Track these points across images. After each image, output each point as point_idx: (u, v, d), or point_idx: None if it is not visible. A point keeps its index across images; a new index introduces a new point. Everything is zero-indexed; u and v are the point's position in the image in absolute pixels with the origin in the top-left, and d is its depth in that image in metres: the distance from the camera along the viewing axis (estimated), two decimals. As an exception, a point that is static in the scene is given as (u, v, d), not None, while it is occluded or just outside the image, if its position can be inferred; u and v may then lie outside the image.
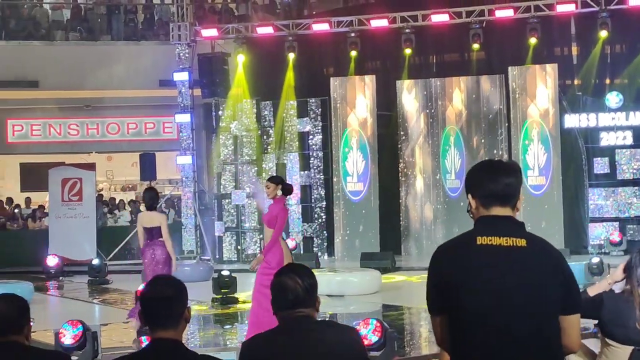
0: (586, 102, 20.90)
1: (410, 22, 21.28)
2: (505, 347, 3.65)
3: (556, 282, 3.73)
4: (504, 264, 3.69)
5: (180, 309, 3.77)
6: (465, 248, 3.77)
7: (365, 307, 14.84)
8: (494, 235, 3.73)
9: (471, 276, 3.69)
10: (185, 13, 22.83)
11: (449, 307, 3.73)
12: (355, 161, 21.94)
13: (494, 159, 4.05)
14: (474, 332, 3.68)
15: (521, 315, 3.65)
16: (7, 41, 25.33)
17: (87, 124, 26.72)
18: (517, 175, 3.87)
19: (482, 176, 3.86)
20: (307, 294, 3.84)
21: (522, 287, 3.67)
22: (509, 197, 3.82)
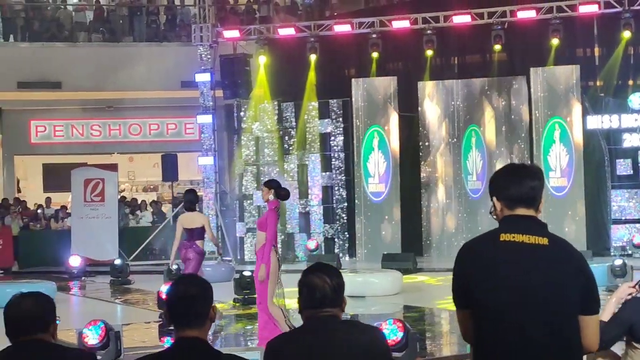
0: (609, 103, 20.80)
1: (431, 23, 21.24)
2: (525, 344, 3.74)
3: (577, 282, 3.81)
4: (527, 260, 3.81)
5: (205, 308, 3.78)
6: (489, 244, 3.91)
7: (387, 308, 14.83)
8: (517, 232, 3.86)
9: (494, 272, 3.82)
10: (207, 14, 22.90)
11: (472, 301, 3.85)
12: (377, 162, 21.92)
13: (518, 163, 4.20)
14: (496, 327, 3.78)
15: (542, 312, 3.74)
16: (31, 42, 25.54)
17: (109, 125, 26.87)
18: (540, 179, 4.00)
19: (507, 179, 4.01)
20: (334, 293, 3.85)
21: (544, 285, 3.76)
22: (533, 199, 3.96)
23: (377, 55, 21.82)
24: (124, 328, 13.13)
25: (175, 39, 26.10)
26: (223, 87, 22.84)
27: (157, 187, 30.28)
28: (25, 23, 25.91)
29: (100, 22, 26.42)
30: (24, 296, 4.10)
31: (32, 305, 4.04)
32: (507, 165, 4.18)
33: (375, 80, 22.09)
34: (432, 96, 21.81)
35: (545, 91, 20.65)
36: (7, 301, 4.10)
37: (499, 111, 21.26)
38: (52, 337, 4.07)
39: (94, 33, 26.08)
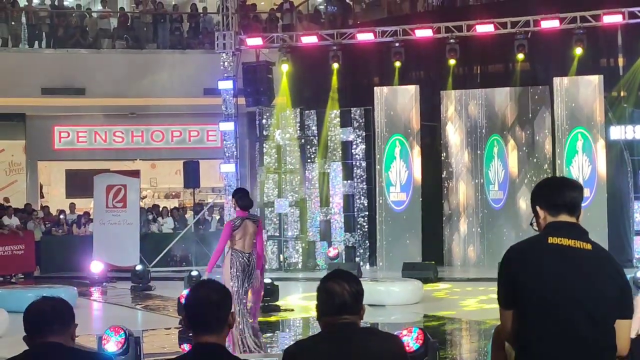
0: (632, 114, 20.70)
1: (454, 33, 21.21)
2: (573, 341, 3.92)
3: (616, 286, 4.00)
4: (573, 263, 3.98)
5: (224, 314, 3.78)
6: (536, 246, 4.08)
7: (407, 317, 14.81)
8: (563, 236, 4.04)
9: (542, 271, 3.98)
10: (230, 22, 22.94)
11: (519, 300, 4.00)
12: (399, 171, 21.90)
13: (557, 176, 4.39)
14: (541, 326, 3.94)
15: (585, 313, 3.91)
16: (55, 49, 25.68)
17: (132, 132, 26.98)
18: (581, 190, 4.22)
19: (550, 189, 4.23)
20: (354, 300, 3.83)
21: (589, 287, 3.94)
22: (575, 206, 4.16)
23: (400, 64, 21.81)
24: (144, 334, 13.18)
25: (199, 47, 26.19)
26: (245, 95, 22.86)
27: (179, 193, 30.37)
28: (50, 30, 26.08)
29: (124, 29, 26.57)
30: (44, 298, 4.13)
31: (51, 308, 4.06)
32: (548, 177, 4.52)
33: (397, 89, 22.08)
34: (455, 105, 21.78)
35: (568, 101, 20.57)
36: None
37: (522, 121, 21.20)
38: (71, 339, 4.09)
39: (118, 40, 26.22)
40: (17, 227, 22.45)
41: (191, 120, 26.75)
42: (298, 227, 22.45)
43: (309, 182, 22.62)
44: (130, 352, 9.82)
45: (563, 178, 4.41)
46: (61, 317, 4.08)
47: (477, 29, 21.07)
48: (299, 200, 22.58)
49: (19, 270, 22.27)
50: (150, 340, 12.77)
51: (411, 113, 21.90)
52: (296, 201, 22.54)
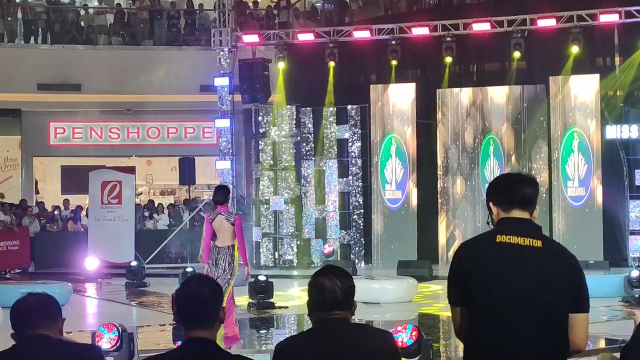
0: (628, 113, 20.71)
1: (451, 31, 21.21)
2: (517, 341, 3.90)
3: (569, 282, 3.99)
4: (521, 262, 3.97)
5: (215, 309, 3.78)
6: (485, 245, 4.09)
7: (401, 314, 14.80)
8: (512, 234, 4.03)
9: (490, 271, 3.97)
10: (226, 19, 22.94)
11: (468, 299, 4.01)
12: (394, 169, 21.90)
13: (513, 172, 4.38)
14: (489, 324, 3.94)
15: (534, 311, 3.91)
16: (51, 45, 25.65)
17: (128, 128, 26.97)
18: (535, 186, 4.22)
19: (503, 185, 4.23)
20: (345, 296, 3.82)
21: (536, 285, 3.93)
22: (528, 202, 4.15)
23: (396, 62, 21.81)
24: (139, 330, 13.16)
25: (195, 43, 26.16)
26: (241, 92, 22.86)
27: (175, 190, 30.36)
28: (46, 25, 26.04)
29: (120, 25, 26.54)
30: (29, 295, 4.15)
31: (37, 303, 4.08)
32: (502, 174, 4.44)
33: (393, 87, 22.07)
34: (451, 103, 21.77)
35: (564, 100, 20.58)
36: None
37: (518, 120, 21.19)
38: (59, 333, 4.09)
39: (114, 36, 26.20)
40: (10, 223, 22.42)
41: (187, 117, 26.74)
42: (293, 224, 22.44)
43: (304, 180, 22.61)
44: (124, 348, 9.78)
45: (517, 174, 4.34)
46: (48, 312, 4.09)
47: (474, 27, 21.08)
48: (294, 198, 22.57)
49: (14, 266, 22.26)
50: (145, 337, 12.76)
51: (407, 111, 21.90)
52: (292, 198, 22.53)
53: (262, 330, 13.53)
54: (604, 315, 14.23)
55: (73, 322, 13.75)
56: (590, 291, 13.34)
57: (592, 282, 14.57)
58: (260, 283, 15.44)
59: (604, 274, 17.32)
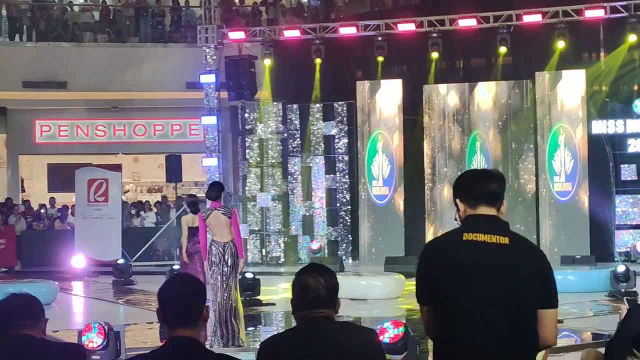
0: (614, 109, 20.76)
1: (437, 27, 21.22)
2: (485, 338, 3.86)
3: (536, 278, 3.95)
4: (487, 260, 3.92)
5: (199, 307, 3.76)
6: (452, 243, 4.03)
7: (389, 311, 14.79)
8: (479, 232, 3.98)
9: (454, 271, 3.93)
10: (212, 15, 22.89)
11: (435, 299, 3.97)
12: (381, 165, 21.91)
13: (479, 168, 4.32)
14: (457, 323, 3.90)
15: (502, 310, 3.87)
16: (37, 42, 25.56)
17: (114, 125, 26.89)
18: (502, 181, 4.16)
19: (469, 181, 4.17)
20: (328, 294, 3.81)
21: (502, 283, 3.89)
22: (495, 198, 4.09)
23: (382, 58, 21.81)
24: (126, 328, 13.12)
25: (181, 40, 26.12)
26: (228, 89, 22.83)
27: (162, 187, 30.28)
28: (31, 23, 25.94)
29: (106, 23, 26.45)
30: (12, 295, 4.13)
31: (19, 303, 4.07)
32: (468, 169, 4.38)
33: (380, 83, 22.07)
34: (437, 99, 21.77)
35: (550, 95, 20.61)
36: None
37: (504, 115, 21.20)
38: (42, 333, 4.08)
39: (100, 33, 26.11)
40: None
41: (173, 114, 26.69)
42: (280, 221, 22.44)
43: (291, 176, 22.60)
44: (111, 347, 9.76)
45: (483, 170, 4.29)
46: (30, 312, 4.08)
47: (460, 23, 21.10)
48: (281, 195, 22.56)
49: (0, 265, 22.17)
50: (132, 335, 12.71)
51: (394, 107, 21.90)
52: (278, 195, 22.52)
53: (249, 328, 13.50)
54: (590, 310, 14.25)
55: (60, 321, 13.72)
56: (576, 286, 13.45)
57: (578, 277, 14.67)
58: (247, 280, 15.42)
59: (590, 268, 17.37)
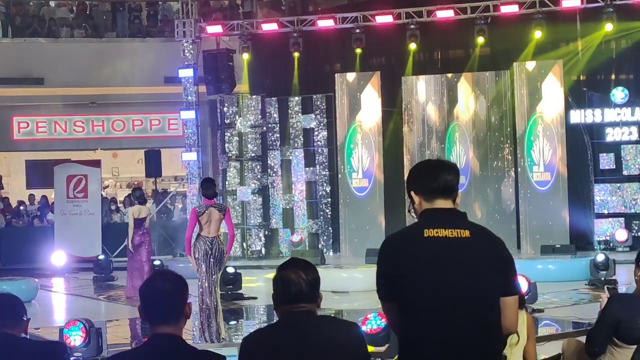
0: (592, 98, 20.86)
1: (415, 18, 21.24)
2: (451, 334, 3.85)
3: (497, 268, 3.94)
4: (451, 256, 3.90)
5: (181, 304, 3.75)
6: (412, 240, 3.99)
7: (371, 303, 14.78)
8: (440, 227, 3.94)
9: (418, 267, 3.90)
10: (189, 10, 22.82)
11: (397, 295, 3.94)
12: (361, 157, 21.93)
13: (433, 159, 4.27)
14: (421, 320, 3.88)
15: (465, 303, 3.86)
16: (13, 38, 25.40)
17: (93, 121, 26.77)
18: (456, 172, 4.10)
19: (423, 173, 4.13)
20: (310, 288, 3.82)
21: (467, 277, 3.88)
22: (450, 190, 4.06)
23: (361, 50, 21.83)
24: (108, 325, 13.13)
25: (158, 35, 26.02)
26: (206, 83, 22.78)
27: (142, 183, 30.18)
28: (7, 18, 25.76)
29: (82, 18, 26.32)
30: None
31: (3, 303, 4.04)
32: (422, 160, 4.30)
33: (358, 75, 22.08)
34: (416, 91, 21.79)
35: (528, 86, 20.67)
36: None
37: (482, 106, 21.26)
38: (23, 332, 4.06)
39: (77, 29, 25.97)
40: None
41: (152, 109, 26.59)
42: (261, 214, 22.42)
43: (271, 170, 22.59)
44: (92, 344, 9.76)
45: (437, 160, 4.26)
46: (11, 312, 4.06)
47: (437, 14, 21.13)
48: (261, 188, 22.54)
49: (-21, 263, 22.09)
50: (114, 331, 12.72)
51: (372, 99, 21.91)
52: (258, 189, 22.50)
53: (231, 322, 13.50)
54: (571, 298, 14.33)
55: (41, 318, 13.69)
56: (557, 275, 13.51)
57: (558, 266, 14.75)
58: (229, 275, 15.41)
59: (570, 257, 17.45)
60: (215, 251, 11.26)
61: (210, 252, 11.22)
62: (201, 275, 11.21)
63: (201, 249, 11.23)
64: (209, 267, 11.20)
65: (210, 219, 11.29)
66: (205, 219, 11.27)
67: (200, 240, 11.30)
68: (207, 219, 11.27)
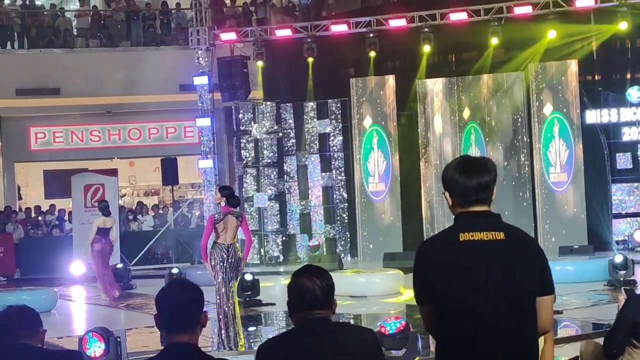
0: (607, 98, 20.79)
1: (428, 22, 21.23)
2: (489, 336, 3.88)
3: (533, 269, 3.98)
4: (486, 259, 3.93)
5: (197, 313, 3.76)
6: (448, 244, 4.01)
7: (389, 307, 14.81)
8: (475, 230, 3.97)
9: (454, 272, 3.93)
10: (203, 17, 22.89)
11: (434, 299, 3.97)
12: (377, 161, 21.92)
13: (470, 157, 4.18)
14: (458, 323, 3.91)
15: (501, 305, 3.89)
16: (28, 49, 25.51)
17: (109, 130, 26.86)
18: (491, 173, 4.06)
19: (457, 177, 4.07)
20: (325, 295, 3.83)
21: (503, 279, 3.91)
22: (484, 197, 4.05)
23: (375, 54, 21.83)
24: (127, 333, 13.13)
25: (173, 43, 26.09)
26: (221, 90, 22.82)
27: (158, 191, 30.28)
28: (22, 30, 25.88)
29: (97, 28, 26.42)
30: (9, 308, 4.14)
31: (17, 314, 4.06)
32: (458, 160, 4.17)
33: (373, 79, 22.09)
34: (431, 94, 21.78)
35: (543, 86, 20.63)
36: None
37: (498, 108, 21.22)
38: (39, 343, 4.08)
39: (92, 39, 26.08)
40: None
41: (168, 117, 26.66)
42: (278, 220, 22.45)
43: (287, 175, 22.62)
44: (111, 353, 9.79)
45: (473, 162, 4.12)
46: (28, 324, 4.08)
47: (451, 17, 21.10)
48: (278, 194, 22.57)
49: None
50: (134, 340, 12.72)
51: (387, 103, 21.92)
52: (275, 195, 22.53)
53: (250, 328, 13.51)
54: (590, 299, 14.28)
55: (60, 328, 13.75)
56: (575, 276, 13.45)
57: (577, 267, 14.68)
58: (247, 282, 15.43)
59: (588, 258, 17.39)
60: (232, 258, 11.25)
61: (227, 260, 11.22)
62: (218, 283, 11.21)
63: (218, 257, 11.23)
64: (226, 274, 11.21)
65: (226, 226, 11.29)
66: (222, 226, 11.28)
67: (217, 248, 11.29)
68: (223, 226, 11.28)
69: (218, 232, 11.29)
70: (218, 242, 11.32)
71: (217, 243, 11.33)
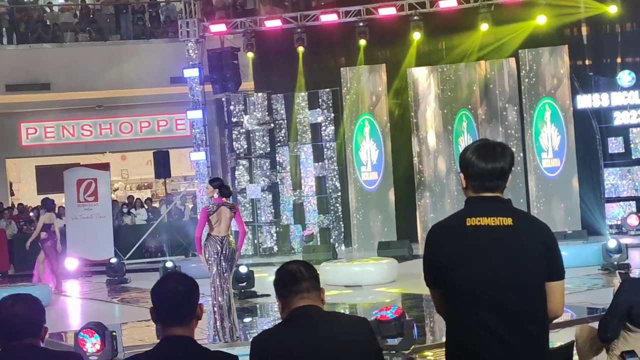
0: (598, 82, 20.80)
1: (418, 9, 21.21)
2: (496, 319, 3.90)
3: (542, 254, 3.97)
4: (493, 243, 3.94)
5: (193, 306, 3.77)
6: (455, 229, 4.03)
7: (384, 296, 14.82)
8: (482, 215, 3.98)
9: (461, 256, 3.96)
10: (192, 9, 22.83)
11: (443, 283, 4.01)
12: (369, 150, 21.91)
13: (488, 142, 4.15)
14: (467, 307, 3.94)
15: (510, 290, 3.91)
16: (17, 45, 25.43)
17: (100, 124, 26.83)
18: (508, 159, 4.06)
19: (474, 160, 4.05)
20: (309, 273, 3.90)
21: (510, 264, 3.92)
22: (499, 182, 4.06)
23: (365, 43, 21.81)
24: (123, 327, 13.16)
25: (162, 36, 26.02)
26: (212, 82, 22.79)
27: (151, 184, 30.26)
28: (11, 25, 25.79)
29: (86, 22, 26.33)
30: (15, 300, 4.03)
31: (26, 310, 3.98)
32: (477, 144, 4.15)
33: (364, 68, 22.07)
34: (422, 82, 21.77)
35: (534, 72, 20.64)
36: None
37: (489, 94, 21.23)
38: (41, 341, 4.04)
39: (81, 33, 26.00)
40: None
41: (159, 110, 26.64)
42: (271, 211, 22.44)
43: (280, 166, 22.60)
44: (107, 347, 9.78)
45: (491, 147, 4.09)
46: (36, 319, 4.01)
47: (440, 4, 21.09)
48: (271, 185, 22.56)
49: (-7, 270, 22.17)
50: (129, 333, 12.74)
51: (378, 92, 21.90)
52: (268, 186, 22.52)
53: (245, 320, 13.52)
54: (584, 284, 14.30)
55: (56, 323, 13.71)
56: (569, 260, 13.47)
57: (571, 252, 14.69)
58: (241, 273, 15.43)
59: (582, 243, 17.42)
60: (226, 250, 11.24)
61: (221, 252, 11.20)
62: (213, 275, 11.20)
63: (212, 249, 11.20)
64: (221, 266, 11.19)
65: (220, 218, 11.26)
66: (216, 218, 11.24)
67: (211, 240, 11.26)
68: (217, 218, 11.24)
69: (212, 224, 11.25)
70: (212, 234, 11.29)
71: (210, 236, 11.30)
